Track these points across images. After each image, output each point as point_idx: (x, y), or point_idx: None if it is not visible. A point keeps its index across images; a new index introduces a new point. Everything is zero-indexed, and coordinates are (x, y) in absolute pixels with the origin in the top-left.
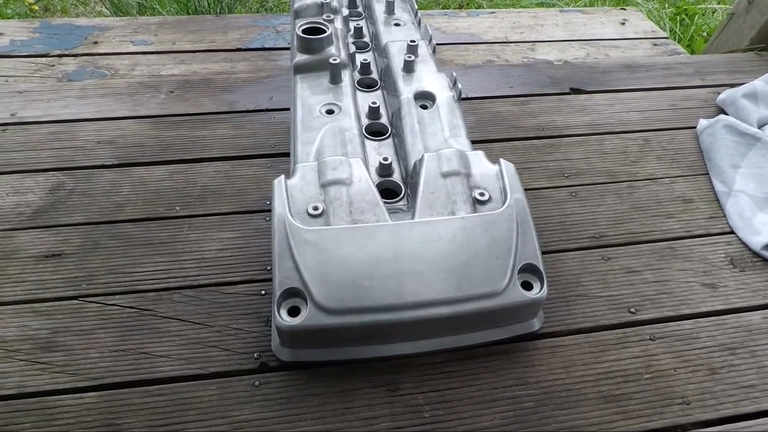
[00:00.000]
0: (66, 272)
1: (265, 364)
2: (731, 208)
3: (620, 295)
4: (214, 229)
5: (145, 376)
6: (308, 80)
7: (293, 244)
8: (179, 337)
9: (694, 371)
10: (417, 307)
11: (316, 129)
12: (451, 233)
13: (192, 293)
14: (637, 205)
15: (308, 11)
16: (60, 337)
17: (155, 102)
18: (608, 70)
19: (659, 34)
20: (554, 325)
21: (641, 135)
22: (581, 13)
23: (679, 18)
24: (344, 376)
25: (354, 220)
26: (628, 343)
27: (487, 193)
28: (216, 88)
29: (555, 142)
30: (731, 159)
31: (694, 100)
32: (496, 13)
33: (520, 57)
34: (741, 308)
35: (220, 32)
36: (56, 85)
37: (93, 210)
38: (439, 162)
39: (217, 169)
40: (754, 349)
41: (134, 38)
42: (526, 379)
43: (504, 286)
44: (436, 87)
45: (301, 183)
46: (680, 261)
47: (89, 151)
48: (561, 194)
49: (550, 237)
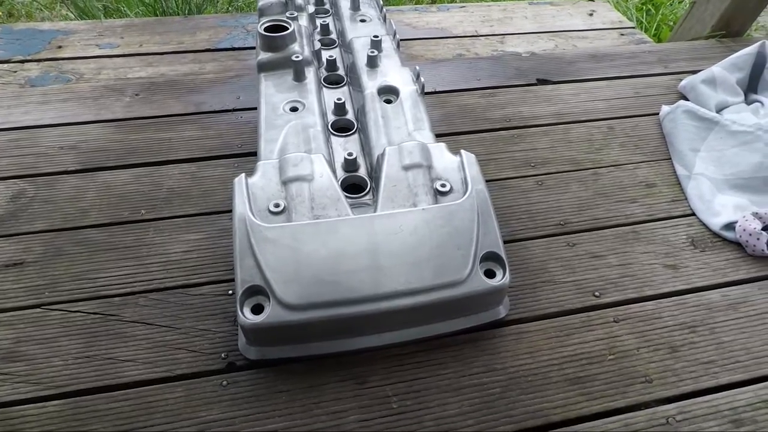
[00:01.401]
0: (28, 281)
1: (233, 364)
2: (692, 191)
3: (585, 279)
4: (181, 231)
5: (110, 381)
6: (272, 78)
7: (254, 242)
8: (145, 341)
9: (656, 350)
10: (381, 299)
11: (280, 127)
12: (413, 225)
13: (158, 296)
14: (602, 191)
15: (272, 9)
16: (22, 347)
17: (120, 105)
18: (574, 61)
19: (626, 24)
20: (520, 311)
21: (605, 123)
22: (550, 5)
23: (645, 8)
24: (312, 372)
25: (316, 216)
26: (592, 326)
27: (448, 184)
28: (183, 89)
29: (521, 133)
30: (691, 143)
31: (656, 88)
32: (466, 7)
33: (490, 50)
34: (701, 287)
35: (188, 33)
36: (17, 91)
37: (56, 217)
38: (400, 155)
39: (184, 170)
40: (713, 326)
41: (100, 41)
42: (493, 365)
43: (466, 274)
44: (399, 81)
45: (263, 181)
46: (643, 244)
47: (51, 157)
48: (527, 183)
49: (516, 226)
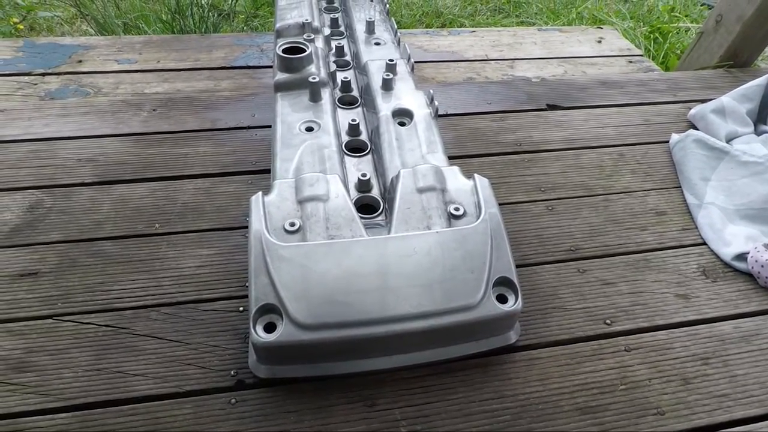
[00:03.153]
0: (42, 291)
1: (242, 382)
2: (702, 220)
3: (596, 306)
4: (193, 245)
5: (119, 395)
6: (289, 98)
7: (269, 260)
8: (155, 355)
9: (669, 381)
10: (393, 321)
11: (296, 146)
12: (426, 248)
13: (169, 311)
14: (612, 217)
15: (290, 31)
16: (33, 357)
17: (138, 120)
18: (584, 87)
19: (634, 52)
20: (531, 337)
21: (616, 149)
22: (559, 31)
23: (653, 36)
24: (321, 392)
25: (330, 236)
26: (603, 355)
27: (461, 208)
28: (199, 105)
29: (532, 157)
30: (701, 172)
31: (666, 116)
32: (476, 32)
33: (500, 74)
34: (713, 318)
35: (204, 51)
36: (38, 103)
37: (71, 228)
38: (415, 178)
39: (198, 186)
40: (726, 358)
41: (118, 57)
42: (503, 392)
43: (479, 299)
44: (413, 104)
45: (279, 199)
46: (654, 272)
47: (69, 169)
48: (538, 208)
49: (527, 250)
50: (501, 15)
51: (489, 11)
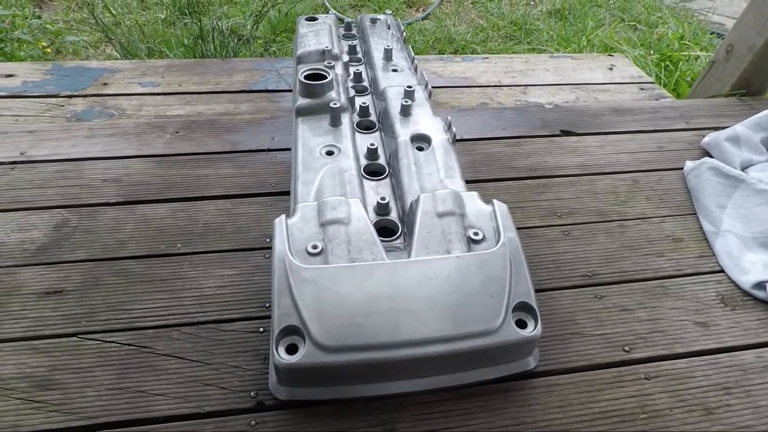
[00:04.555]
0: (66, 309)
1: (262, 403)
2: (720, 248)
3: (614, 333)
4: (214, 266)
5: (140, 415)
6: (309, 123)
7: (292, 282)
8: (177, 375)
9: (690, 411)
10: (413, 345)
11: (317, 170)
12: (447, 272)
13: (191, 330)
14: (628, 243)
15: (310, 57)
16: (57, 375)
17: (161, 141)
18: (597, 113)
19: (645, 79)
20: (549, 363)
21: (630, 176)
22: (571, 58)
23: (663, 64)
24: (340, 415)
25: (352, 259)
26: (623, 383)
27: (481, 233)
28: (220, 128)
29: (547, 182)
30: (717, 200)
31: (679, 143)
32: (489, 59)
33: (513, 100)
34: (734, 347)
35: (225, 75)
36: (65, 124)
37: (96, 247)
38: (434, 202)
39: (219, 207)
40: (749, 388)
41: (142, 80)
42: (523, 419)
43: (499, 324)
44: (431, 130)
45: (301, 222)
46: (672, 299)
47: (95, 189)
48: (553, 233)
49: (543, 275)
50: (512, 42)
51: (500, 38)
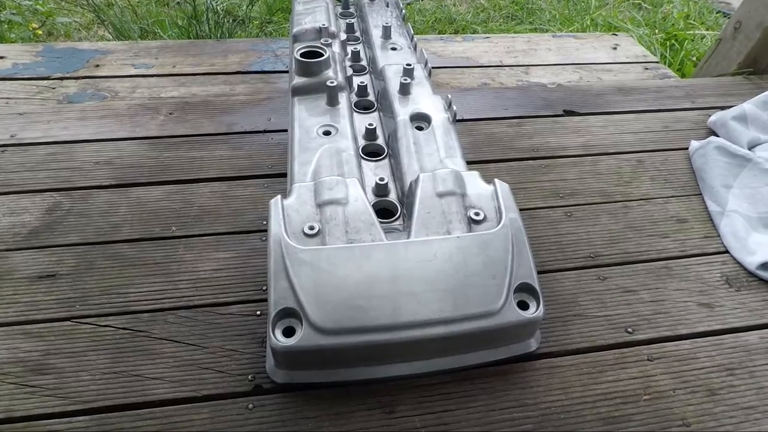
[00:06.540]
0: (60, 293)
1: (260, 387)
2: (725, 228)
3: (617, 314)
4: (210, 249)
5: (136, 399)
6: (306, 102)
7: (289, 264)
8: (173, 359)
9: (693, 392)
10: (413, 327)
11: (313, 150)
12: (447, 253)
13: (186, 314)
14: (632, 224)
15: (307, 36)
16: (51, 360)
17: (154, 123)
18: (601, 93)
19: (650, 59)
20: (551, 345)
21: (635, 156)
22: (574, 38)
23: (669, 43)
24: (339, 399)
25: (350, 240)
26: (626, 364)
27: (482, 213)
28: (215, 109)
29: (550, 163)
30: (723, 179)
31: (685, 122)
32: (490, 38)
33: (515, 80)
34: (738, 328)
35: (220, 56)
36: (56, 107)
37: (89, 230)
38: (434, 182)
39: (214, 189)
40: (753, 369)
41: (135, 61)
42: (524, 401)
43: (500, 305)
44: (431, 109)
45: (298, 203)
46: (676, 281)
47: (87, 171)
48: (556, 214)
49: (546, 257)
50: (514, 22)
51: (502, 18)
